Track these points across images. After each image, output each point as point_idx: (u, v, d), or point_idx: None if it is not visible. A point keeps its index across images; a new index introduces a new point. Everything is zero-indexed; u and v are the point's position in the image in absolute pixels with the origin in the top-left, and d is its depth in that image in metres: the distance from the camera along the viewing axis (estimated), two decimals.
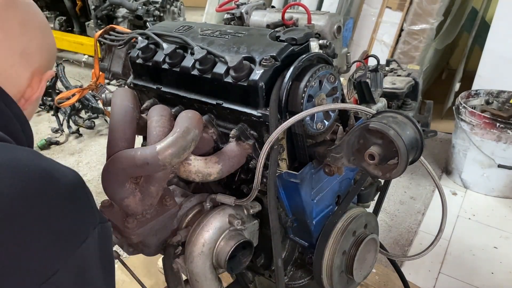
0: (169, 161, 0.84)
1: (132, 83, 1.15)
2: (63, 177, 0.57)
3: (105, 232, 0.63)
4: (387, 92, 1.29)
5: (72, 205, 0.57)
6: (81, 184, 0.60)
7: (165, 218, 0.97)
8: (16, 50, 0.69)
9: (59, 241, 0.53)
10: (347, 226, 1.09)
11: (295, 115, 0.86)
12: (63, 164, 0.59)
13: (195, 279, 1.00)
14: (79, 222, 0.58)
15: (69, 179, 0.58)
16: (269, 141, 0.86)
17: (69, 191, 0.57)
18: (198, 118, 0.94)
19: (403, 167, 0.79)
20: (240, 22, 1.34)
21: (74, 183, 0.58)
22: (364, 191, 1.28)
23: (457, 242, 2.50)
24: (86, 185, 0.61)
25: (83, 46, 5.58)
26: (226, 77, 0.93)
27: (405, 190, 3.06)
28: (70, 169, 0.59)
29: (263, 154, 0.88)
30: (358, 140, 0.87)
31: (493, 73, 3.27)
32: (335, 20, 1.20)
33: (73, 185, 0.58)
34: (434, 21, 3.42)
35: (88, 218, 0.60)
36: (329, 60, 0.99)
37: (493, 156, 2.80)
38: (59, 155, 3.68)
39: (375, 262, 1.20)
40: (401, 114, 0.83)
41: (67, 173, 0.58)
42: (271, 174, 0.90)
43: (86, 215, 0.60)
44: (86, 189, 0.61)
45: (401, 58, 3.52)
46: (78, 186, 0.59)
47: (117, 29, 1.25)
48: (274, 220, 0.92)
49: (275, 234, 0.93)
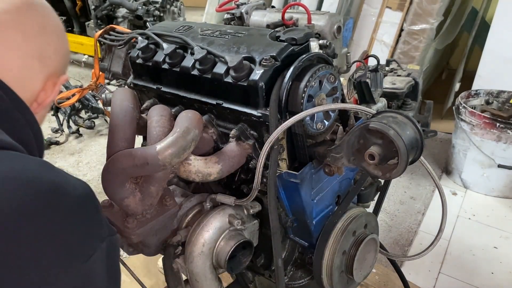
0: (169, 161, 0.84)
1: (132, 83, 1.15)
2: (73, 190, 0.56)
3: (113, 244, 0.62)
4: (387, 92, 1.29)
5: (80, 218, 0.56)
6: (90, 197, 0.59)
7: (165, 218, 0.97)
8: (33, 53, 0.69)
9: (67, 255, 0.53)
10: (347, 226, 1.09)
11: (295, 115, 0.86)
12: (74, 176, 0.59)
13: (195, 279, 1.00)
14: (88, 236, 0.57)
15: (79, 192, 0.57)
16: (269, 141, 0.86)
17: (78, 204, 0.56)
18: (198, 118, 0.94)
19: (403, 167, 0.79)
20: (240, 22, 1.34)
21: (83, 196, 0.58)
22: (364, 191, 1.28)
23: (457, 242, 2.50)
24: (96, 198, 0.60)
25: (83, 46, 5.58)
26: (226, 77, 0.93)
27: (405, 190, 3.06)
28: (80, 181, 0.59)
29: (263, 154, 0.88)
30: (358, 140, 0.87)
31: (493, 73, 3.27)
32: (335, 20, 1.20)
33: (82, 198, 0.57)
34: (434, 21, 3.42)
35: (96, 232, 0.59)
36: (329, 60, 0.99)
37: (493, 156, 2.80)
38: (59, 155, 3.68)
39: (375, 262, 1.20)
40: (401, 114, 0.83)
41: (77, 185, 0.58)
42: (271, 174, 0.90)
43: (95, 228, 0.59)
44: (95, 202, 0.60)
45: (401, 58, 3.52)
46: (88, 199, 0.58)
47: (117, 29, 1.25)
48: (274, 220, 0.92)
49: (275, 234, 0.93)
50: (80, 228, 0.56)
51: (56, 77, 0.74)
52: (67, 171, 0.62)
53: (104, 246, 0.59)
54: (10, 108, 0.63)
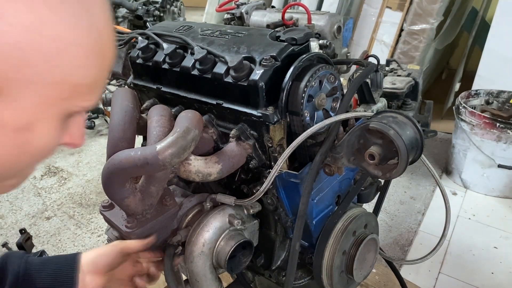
0: (169, 161, 0.84)
1: (132, 83, 1.15)
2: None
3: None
4: (387, 92, 1.28)
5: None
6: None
7: (165, 218, 0.97)
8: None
9: None
10: (347, 226, 1.09)
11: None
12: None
13: (195, 279, 1.00)
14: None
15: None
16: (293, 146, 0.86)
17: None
18: (198, 118, 0.94)
19: (403, 167, 0.79)
20: (240, 22, 1.34)
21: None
22: (364, 191, 1.29)
23: (457, 242, 2.50)
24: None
25: None
26: (226, 77, 0.93)
27: (405, 190, 3.06)
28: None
29: (285, 154, 0.87)
30: (358, 140, 0.87)
31: (493, 73, 3.27)
32: (335, 20, 1.20)
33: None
34: (434, 21, 3.42)
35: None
36: (329, 60, 0.99)
37: (493, 156, 2.80)
38: (59, 155, 3.68)
39: (375, 262, 1.20)
40: (401, 114, 0.83)
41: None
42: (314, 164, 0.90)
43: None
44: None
45: (401, 58, 3.52)
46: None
47: (117, 29, 1.25)
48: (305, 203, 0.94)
49: (301, 217, 0.95)
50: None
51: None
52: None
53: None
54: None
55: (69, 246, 2.63)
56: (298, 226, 0.95)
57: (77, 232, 2.74)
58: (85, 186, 3.18)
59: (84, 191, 3.13)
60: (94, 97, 0.51)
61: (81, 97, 0.48)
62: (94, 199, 3.02)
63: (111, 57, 0.51)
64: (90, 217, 2.86)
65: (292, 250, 0.96)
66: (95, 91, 0.50)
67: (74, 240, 2.67)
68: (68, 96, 0.47)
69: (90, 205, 2.98)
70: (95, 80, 0.49)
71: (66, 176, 3.34)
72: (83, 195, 3.09)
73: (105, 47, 0.49)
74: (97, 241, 2.66)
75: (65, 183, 3.25)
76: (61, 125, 0.50)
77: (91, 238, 2.68)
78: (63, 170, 3.43)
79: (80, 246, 2.62)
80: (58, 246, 2.63)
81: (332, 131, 0.92)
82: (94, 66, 0.48)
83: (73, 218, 2.87)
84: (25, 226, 2.75)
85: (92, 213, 2.88)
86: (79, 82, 0.47)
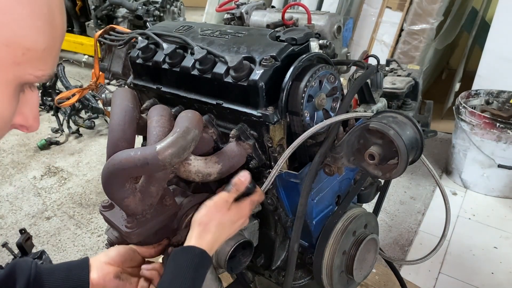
0: (169, 161, 0.84)
1: (132, 83, 1.15)
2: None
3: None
4: (387, 92, 1.28)
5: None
6: None
7: (165, 218, 0.97)
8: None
9: None
10: (347, 226, 1.09)
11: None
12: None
13: None
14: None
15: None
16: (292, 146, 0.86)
17: None
18: (198, 118, 0.94)
19: (403, 167, 0.79)
20: (240, 22, 1.34)
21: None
22: (364, 191, 1.29)
23: (457, 242, 2.50)
24: None
25: (83, 46, 5.59)
26: (226, 77, 0.93)
27: (405, 190, 3.06)
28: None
29: (286, 154, 0.87)
30: (358, 140, 0.87)
31: (493, 73, 3.27)
32: (335, 20, 1.20)
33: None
34: (434, 21, 3.42)
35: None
36: (329, 60, 0.99)
37: (493, 156, 2.80)
38: (59, 155, 3.68)
39: (375, 262, 1.20)
40: (401, 114, 0.83)
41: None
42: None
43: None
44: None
45: (401, 58, 3.52)
46: None
47: (117, 29, 1.25)
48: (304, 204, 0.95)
49: (300, 218, 0.95)
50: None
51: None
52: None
53: None
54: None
55: (69, 246, 2.63)
56: (296, 227, 0.95)
57: (77, 232, 2.74)
58: (85, 186, 3.18)
59: (84, 191, 3.13)
60: (47, 67, 0.50)
61: (34, 65, 0.48)
62: (94, 199, 3.02)
63: (61, 27, 0.51)
64: (90, 217, 2.86)
65: (291, 251, 0.96)
66: (48, 60, 0.50)
67: (74, 240, 2.67)
68: (20, 61, 0.46)
69: (90, 205, 2.98)
70: (47, 47, 0.48)
71: (66, 176, 3.34)
72: (83, 195, 3.09)
73: (54, 14, 0.49)
74: (97, 241, 2.66)
75: (65, 183, 3.25)
76: (13, 96, 0.48)
77: (91, 238, 2.68)
78: (63, 170, 3.43)
79: (80, 246, 2.62)
80: (58, 246, 2.63)
81: (332, 131, 0.92)
82: (43, 32, 0.47)
83: (73, 218, 2.87)
84: (25, 226, 2.75)
85: (92, 213, 2.88)
86: (31, 46, 0.46)
